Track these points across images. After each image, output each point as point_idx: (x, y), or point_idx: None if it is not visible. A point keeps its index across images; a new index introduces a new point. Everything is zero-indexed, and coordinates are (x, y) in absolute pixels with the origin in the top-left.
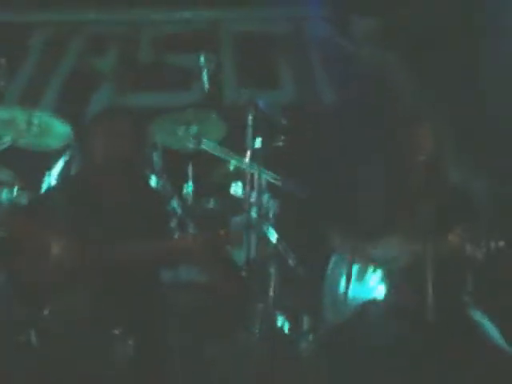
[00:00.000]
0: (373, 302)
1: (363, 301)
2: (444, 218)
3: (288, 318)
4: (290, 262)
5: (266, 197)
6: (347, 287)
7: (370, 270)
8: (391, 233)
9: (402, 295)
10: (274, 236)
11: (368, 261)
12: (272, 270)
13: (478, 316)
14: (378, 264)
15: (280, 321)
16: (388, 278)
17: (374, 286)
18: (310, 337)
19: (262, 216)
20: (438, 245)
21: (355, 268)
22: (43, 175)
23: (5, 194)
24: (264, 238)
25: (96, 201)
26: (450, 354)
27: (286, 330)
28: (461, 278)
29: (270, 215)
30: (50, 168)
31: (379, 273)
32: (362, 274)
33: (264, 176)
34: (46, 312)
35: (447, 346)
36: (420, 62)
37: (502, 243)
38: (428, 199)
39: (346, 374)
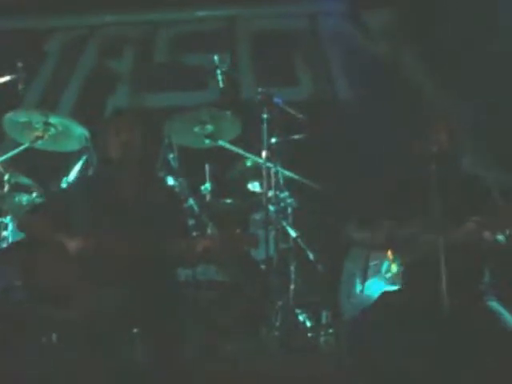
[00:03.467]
0: (389, 295)
1: (379, 296)
2: (460, 208)
3: (308, 314)
4: (310, 257)
5: (283, 193)
6: (364, 281)
7: (386, 263)
8: (407, 225)
9: (418, 287)
10: (293, 232)
11: (384, 255)
12: (292, 266)
13: (496, 305)
14: (394, 257)
15: (300, 316)
16: (404, 271)
17: (390, 279)
18: (330, 331)
19: (281, 212)
20: (454, 235)
21: (371, 263)
22: (61, 177)
23: (25, 198)
24: (283, 234)
25: (113, 201)
26: (467, 344)
27: (306, 325)
28: (478, 267)
29: (289, 211)
30: (67, 170)
31: (396, 266)
32: (377, 269)
33: (281, 172)
34: (65, 311)
35: (464, 337)
36: (436, 56)
37: None
38: (443, 189)
39: (364, 366)
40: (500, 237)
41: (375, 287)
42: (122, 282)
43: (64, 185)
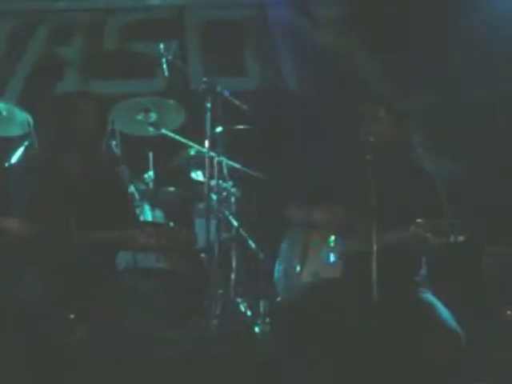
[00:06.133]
0: (324, 281)
1: (314, 279)
2: (404, 204)
3: (247, 302)
4: (251, 246)
5: (226, 182)
6: (303, 263)
7: (324, 250)
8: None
9: (353, 276)
10: (235, 221)
11: (322, 240)
12: (233, 256)
13: (429, 297)
14: (331, 245)
15: (239, 305)
16: (340, 259)
17: (326, 265)
18: (266, 320)
19: (223, 201)
20: (398, 233)
21: (310, 246)
22: (3, 162)
23: None
24: (225, 223)
25: (54, 186)
26: (398, 333)
27: (245, 314)
28: (414, 259)
29: (232, 200)
30: (10, 155)
31: (332, 254)
32: (316, 254)
33: (224, 161)
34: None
35: (395, 326)
36: (382, 48)
37: (461, 238)
38: (379, 179)
39: (298, 353)
40: (441, 241)
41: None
42: (58, 267)
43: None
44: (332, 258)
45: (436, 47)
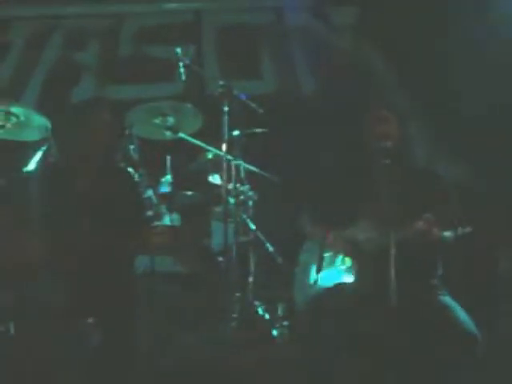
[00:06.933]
0: (341, 288)
1: (331, 286)
2: (412, 203)
3: (265, 306)
4: (268, 250)
5: (244, 185)
6: (317, 273)
7: (340, 256)
8: (360, 219)
9: (368, 281)
10: (252, 224)
11: (338, 247)
12: (251, 259)
13: (447, 299)
14: (346, 251)
15: (258, 308)
16: (356, 265)
17: (343, 272)
18: (284, 323)
19: (241, 205)
20: (405, 230)
21: (326, 254)
22: (20, 167)
23: None
24: (242, 226)
25: (71, 191)
26: (418, 338)
27: (264, 317)
28: (429, 262)
29: (249, 204)
30: (27, 160)
31: (348, 260)
32: (331, 261)
33: (242, 165)
34: (20, 300)
35: (414, 330)
36: (396, 52)
37: (468, 229)
38: (396, 184)
39: (316, 358)
40: (448, 233)
41: (330, 278)
42: (79, 272)
43: (23, 174)
44: (345, 266)
45: (447, 50)
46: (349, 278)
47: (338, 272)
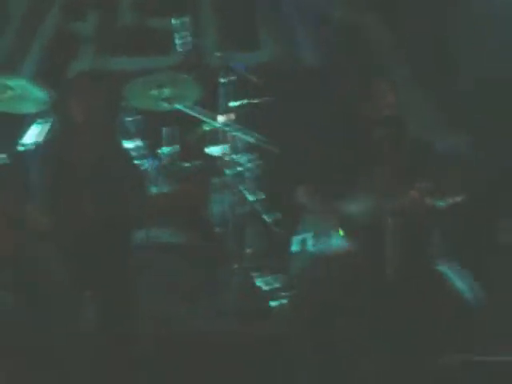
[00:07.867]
0: (337, 258)
1: (328, 256)
2: (407, 174)
3: (263, 277)
4: (266, 221)
5: (241, 156)
6: (313, 244)
7: (335, 227)
8: (356, 190)
9: (365, 251)
10: (250, 196)
11: (335, 218)
12: (248, 229)
13: (445, 270)
14: (343, 221)
15: (255, 279)
16: (353, 235)
17: (338, 242)
18: (283, 294)
19: (239, 176)
20: (399, 200)
21: (322, 225)
22: (19, 139)
23: None
24: (241, 198)
25: (70, 163)
26: (415, 306)
27: (261, 289)
28: (424, 231)
29: (247, 174)
30: (26, 132)
31: (343, 231)
32: (327, 232)
33: (239, 135)
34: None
35: (412, 299)
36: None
37: (459, 198)
38: (392, 155)
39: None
40: (440, 202)
41: (326, 249)
42: (77, 244)
43: (20, 147)
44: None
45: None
46: (344, 248)
47: (333, 242)
